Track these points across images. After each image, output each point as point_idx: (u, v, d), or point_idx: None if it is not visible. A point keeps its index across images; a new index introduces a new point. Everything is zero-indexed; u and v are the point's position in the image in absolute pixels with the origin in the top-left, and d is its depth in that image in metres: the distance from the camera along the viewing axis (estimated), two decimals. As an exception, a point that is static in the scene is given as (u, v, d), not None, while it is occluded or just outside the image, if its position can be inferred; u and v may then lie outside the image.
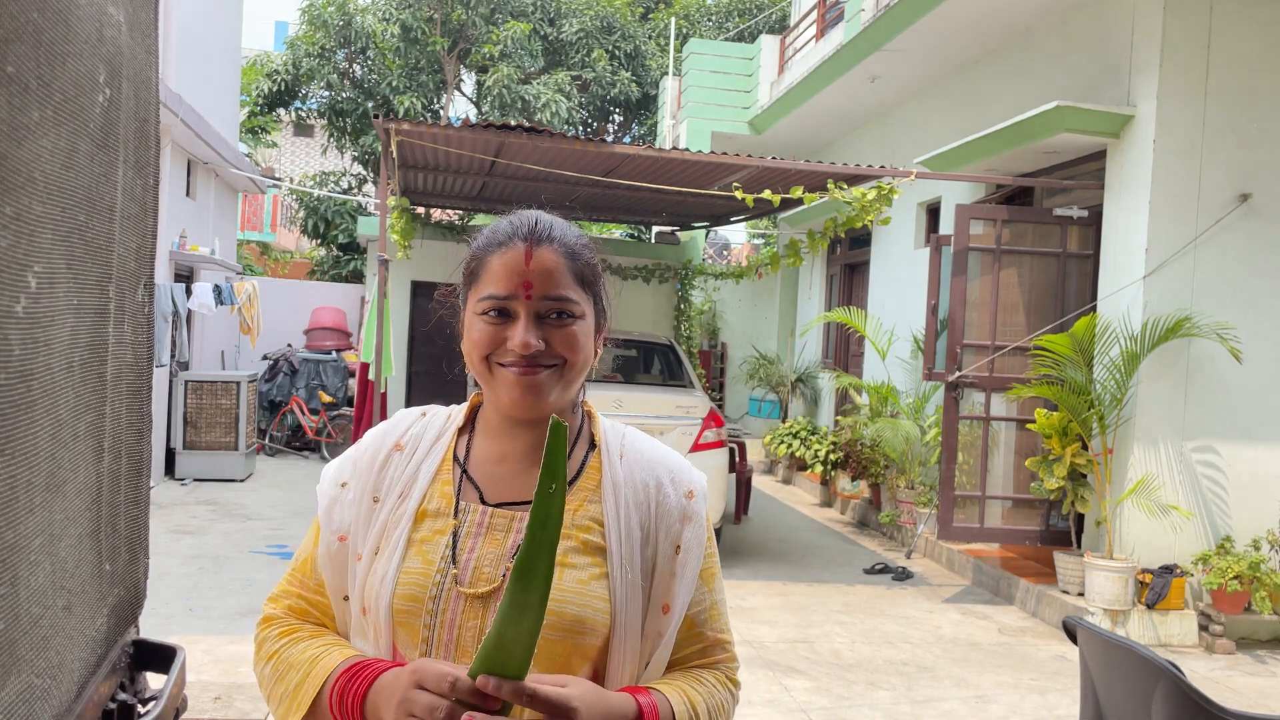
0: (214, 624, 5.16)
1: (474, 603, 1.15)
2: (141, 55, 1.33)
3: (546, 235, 1.22)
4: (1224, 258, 6.05)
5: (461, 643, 1.15)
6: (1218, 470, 6.09)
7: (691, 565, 1.22)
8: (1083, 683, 2.53)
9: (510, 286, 1.18)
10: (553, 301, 1.19)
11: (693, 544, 1.23)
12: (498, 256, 1.21)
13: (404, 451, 1.28)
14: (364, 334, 7.52)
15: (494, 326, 1.19)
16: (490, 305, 1.19)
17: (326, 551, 1.24)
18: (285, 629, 1.24)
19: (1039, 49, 7.51)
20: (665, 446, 1.34)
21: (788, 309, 14.27)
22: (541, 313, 1.19)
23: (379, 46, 16.74)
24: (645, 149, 6.91)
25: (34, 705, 0.96)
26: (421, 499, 1.23)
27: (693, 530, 1.24)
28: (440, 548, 1.18)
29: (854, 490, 9.36)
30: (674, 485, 1.26)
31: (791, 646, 5.34)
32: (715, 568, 1.28)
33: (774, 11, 19.15)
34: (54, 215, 0.98)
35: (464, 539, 1.19)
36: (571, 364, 1.20)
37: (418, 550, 1.19)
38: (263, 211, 19.30)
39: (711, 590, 1.26)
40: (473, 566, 1.17)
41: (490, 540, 1.19)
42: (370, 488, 1.25)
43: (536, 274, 1.18)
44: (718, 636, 1.26)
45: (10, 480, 0.88)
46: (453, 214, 14.46)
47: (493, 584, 1.16)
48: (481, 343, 1.19)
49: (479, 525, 1.20)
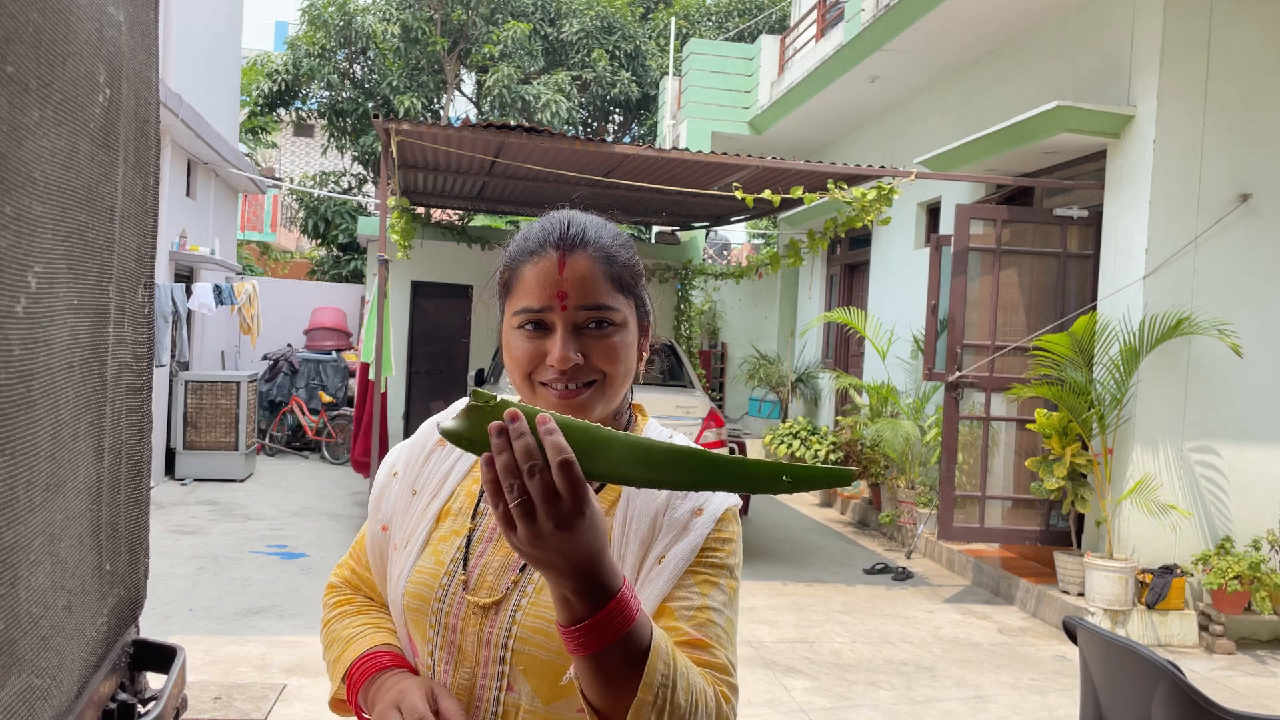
0: (214, 624, 5.16)
1: (476, 610, 1.12)
2: (141, 55, 1.33)
3: (580, 240, 1.15)
4: (1224, 258, 6.05)
5: (463, 649, 1.12)
6: (1217, 470, 6.09)
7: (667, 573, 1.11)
8: (1083, 683, 2.53)
9: (544, 298, 1.12)
10: (590, 311, 1.13)
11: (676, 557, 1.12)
12: (530, 266, 1.15)
13: (446, 447, 1.26)
14: (364, 334, 7.52)
15: (532, 341, 1.13)
16: (526, 319, 1.13)
17: (372, 538, 1.28)
18: (340, 599, 1.31)
19: (1039, 49, 7.51)
20: None
21: (788, 309, 14.27)
22: (579, 323, 1.13)
23: (379, 46, 16.75)
24: (645, 149, 6.91)
25: (34, 705, 0.96)
26: (449, 497, 1.22)
27: (683, 545, 1.13)
28: (453, 549, 1.17)
29: (854, 490, 9.37)
30: (685, 501, 1.17)
31: (791, 646, 5.34)
32: (718, 578, 1.14)
33: (774, 11, 19.15)
34: (54, 215, 0.98)
35: (476, 543, 1.17)
36: (612, 378, 1.15)
37: (433, 549, 1.18)
38: (263, 211, 19.31)
39: (705, 595, 1.12)
40: (478, 574, 1.15)
41: (499, 548, 1.16)
42: (411, 481, 1.26)
43: (571, 283, 1.12)
44: (700, 638, 1.08)
45: (10, 480, 0.88)
46: (453, 214, 14.46)
47: (494, 596, 1.12)
48: (522, 360, 1.14)
49: (492, 531, 1.18)
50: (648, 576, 1.12)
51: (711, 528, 1.14)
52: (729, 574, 1.15)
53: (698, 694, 0.99)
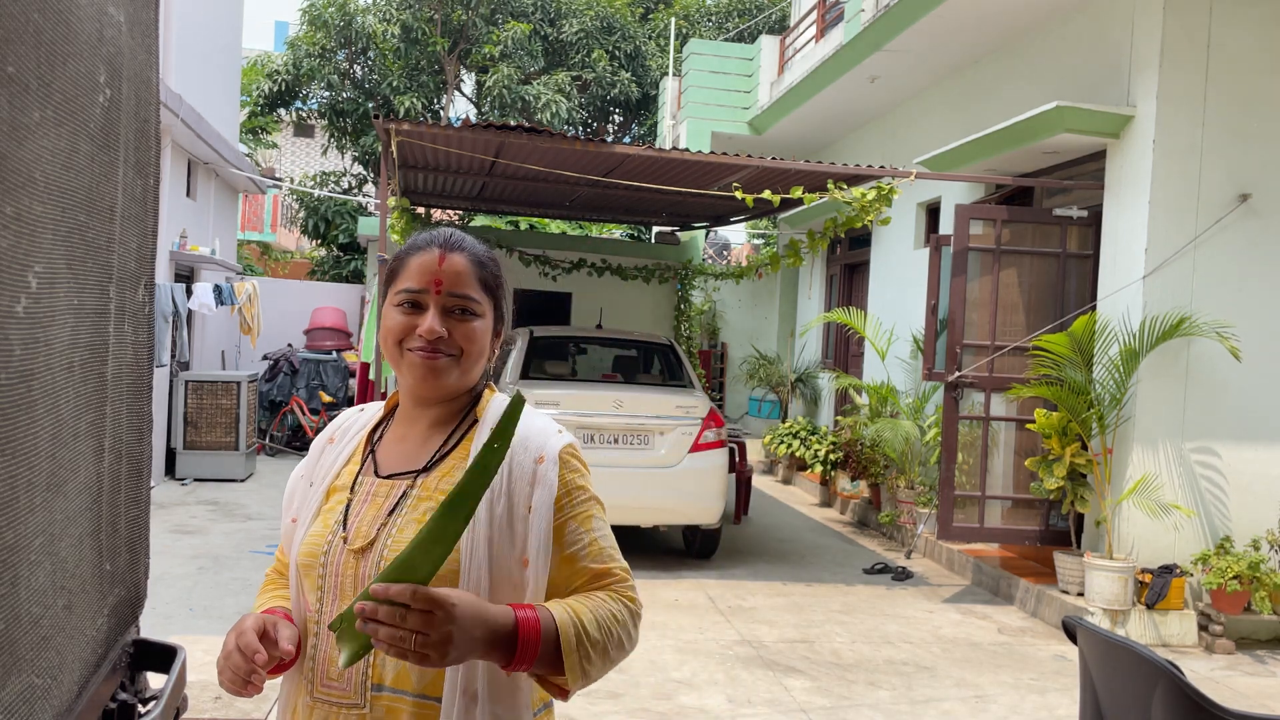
0: (214, 624, 5.16)
1: (352, 556, 1.36)
2: (142, 55, 1.33)
3: (459, 245, 1.44)
4: (1223, 258, 6.05)
5: (343, 589, 1.36)
6: (1217, 470, 6.09)
7: (542, 524, 1.36)
8: (1082, 683, 2.53)
9: (423, 282, 1.40)
10: (458, 298, 1.40)
11: (542, 505, 1.36)
12: (416, 258, 1.42)
13: (335, 443, 1.53)
14: (364, 334, 7.52)
15: (407, 316, 1.40)
16: (405, 298, 1.40)
17: (285, 530, 1.51)
18: (265, 583, 1.59)
19: (1039, 49, 7.51)
20: (538, 418, 1.47)
21: (788, 309, 14.27)
22: (448, 307, 1.40)
23: (379, 47, 16.74)
24: (645, 149, 6.91)
25: (34, 705, 0.96)
26: (334, 477, 1.47)
27: (542, 493, 1.37)
28: (337, 514, 1.41)
29: (854, 490, 9.37)
30: (525, 452, 1.40)
31: (791, 646, 5.34)
32: (590, 510, 1.41)
33: (774, 11, 19.15)
34: (54, 215, 0.98)
35: (354, 505, 1.41)
36: (468, 354, 1.41)
37: (322, 519, 1.43)
38: (263, 212, 19.30)
39: (589, 530, 1.40)
40: (354, 527, 1.38)
41: (372, 505, 1.40)
42: (310, 476, 1.51)
43: (447, 274, 1.40)
44: (602, 567, 1.38)
45: (11, 480, 0.88)
46: (453, 214, 14.46)
47: (366, 540, 1.36)
48: (395, 329, 1.40)
49: (367, 494, 1.42)
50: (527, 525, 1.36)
51: (558, 468, 1.40)
52: (591, 497, 1.43)
53: (605, 620, 1.31)
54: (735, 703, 4.48)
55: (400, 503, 1.38)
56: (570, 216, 12.62)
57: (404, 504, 1.38)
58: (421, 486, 1.39)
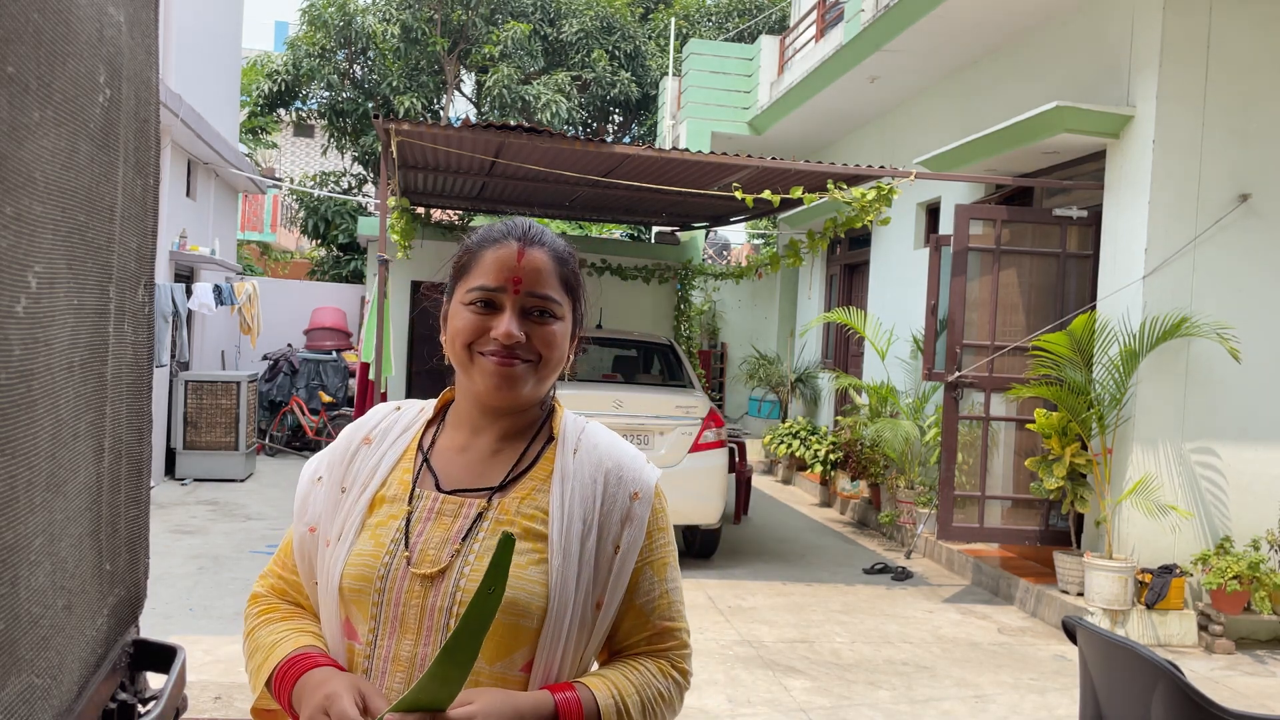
0: (214, 624, 5.16)
1: (419, 582, 1.21)
2: (141, 55, 1.33)
3: (539, 238, 1.29)
4: (1223, 258, 6.05)
5: (405, 620, 1.21)
6: (1217, 470, 6.09)
7: (628, 568, 1.26)
8: (1082, 683, 2.53)
9: (500, 279, 1.25)
10: (538, 299, 1.26)
11: (630, 547, 1.26)
12: (491, 251, 1.27)
13: (371, 445, 1.35)
14: (364, 334, 7.52)
15: (479, 316, 1.25)
16: (479, 296, 1.25)
17: (299, 542, 1.33)
18: (264, 608, 1.34)
19: (1039, 49, 7.51)
20: (624, 443, 1.37)
21: (788, 309, 14.27)
22: (526, 308, 1.26)
23: (379, 47, 16.74)
24: (645, 149, 6.91)
25: (34, 705, 0.96)
26: (380, 486, 1.30)
27: (632, 532, 1.27)
28: (392, 531, 1.25)
29: (854, 490, 9.37)
30: (620, 484, 1.29)
31: (791, 646, 5.34)
32: (669, 558, 1.31)
33: (774, 11, 19.15)
34: (54, 215, 0.98)
35: (415, 523, 1.25)
36: (547, 360, 1.27)
37: (371, 534, 1.26)
38: (263, 212, 19.30)
39: (663, 580, 1.29)
40: (419, 548, 1.23)
41: (439, 524, 1.25)
42: (339, 480, 1.33)
43: (526, 271, 1.25)
44: (665, 625, 1.28)
45: (10, 480, 0.88)
46: (453, 214, 14.45)
47: (437, 566, 1.21)
48: (465, 330, 1.25)
49: (430, 510, 1.26)
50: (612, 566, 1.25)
51: (649, 512, 1.29)
52: (670, 541, 1.33)
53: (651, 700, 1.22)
54: (735, 703, 4.48)
55: (475, 525, 1.24)
56: (570, 216, 12.63)
57: (480, 527, 1.24)
58: (499, 508, 1.25)
